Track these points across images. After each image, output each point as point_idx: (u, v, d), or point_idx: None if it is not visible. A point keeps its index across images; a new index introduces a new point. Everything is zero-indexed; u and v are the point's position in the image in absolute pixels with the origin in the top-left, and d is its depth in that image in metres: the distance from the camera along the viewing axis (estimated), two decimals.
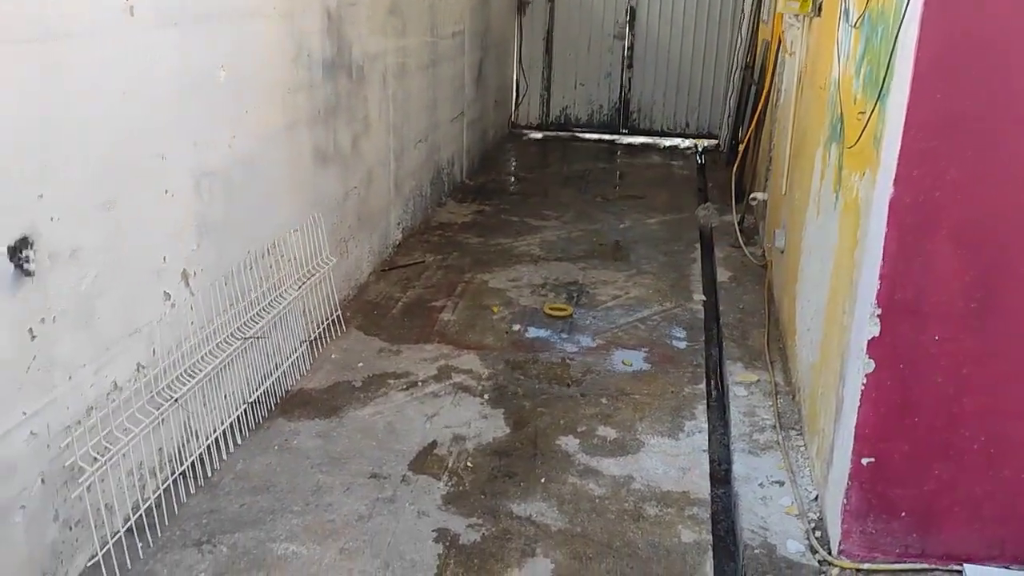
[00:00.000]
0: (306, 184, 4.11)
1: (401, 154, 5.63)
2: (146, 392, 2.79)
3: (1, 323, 2.15)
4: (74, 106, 2.38)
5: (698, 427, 3.57)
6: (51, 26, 2.25)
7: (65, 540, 2.47)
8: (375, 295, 4.92)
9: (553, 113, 10.12)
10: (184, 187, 3.00)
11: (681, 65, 9.69)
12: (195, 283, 3.10)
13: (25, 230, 2.21)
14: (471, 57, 7.48)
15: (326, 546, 2.73)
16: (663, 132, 9.93)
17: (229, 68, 3.24)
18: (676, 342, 4.44)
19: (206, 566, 2.62)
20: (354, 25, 4.57)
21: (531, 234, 6.22)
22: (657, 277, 5.37)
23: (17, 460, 2.25)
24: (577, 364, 4.14)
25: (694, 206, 6.96)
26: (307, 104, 4.03)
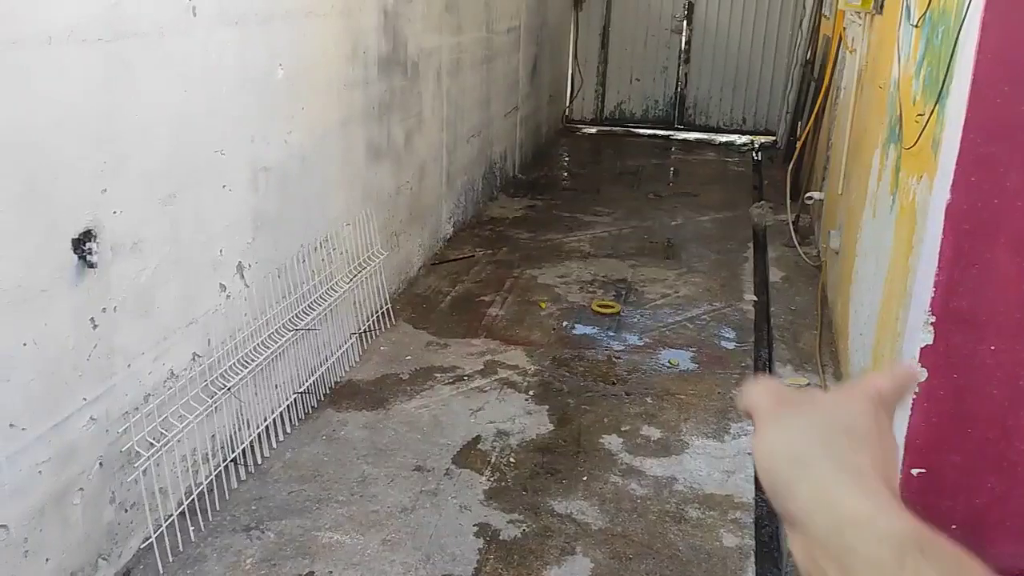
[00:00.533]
0: (359, 179, 4.17)
1: (454, 149, 5.67)
2: (201, 380, 2.87)
3: (64, 312, 2.24)
4: (138, 103, 2.46)
5: (744, 430, 3.53)
6: (119, 26, 2.33)
7: (120, 522, 2.57)
8: (424, 289, 4.98)
9: (607, 108, 10.07)
10: (241, 181, 3.07)
11: (739, 60, 9.55)
12: (250, 275, 3.17)
13: (89, 223, 2.29)
14: (526, 52, 7.49)
15: (369, 536, 2.79)
16: (719, 128, 9.81)
17: (287, 66, 3.30)
18: (725, 342, 4.40)
19: (254, 551, 2.70)
20: (410, 22, 4.61)
21: (581, 230, 6.21)
22: (707, 276, 5.32)
23: (77, 444, 2.34)
24: (623, 362, 4.13)
25: (748, 204, 6.87)
26: (362, 100, 4.09)
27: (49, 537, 2.27)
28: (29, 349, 2.13)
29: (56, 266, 2.19)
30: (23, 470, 2.15)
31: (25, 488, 2.16)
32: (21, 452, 2.14)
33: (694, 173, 8.17)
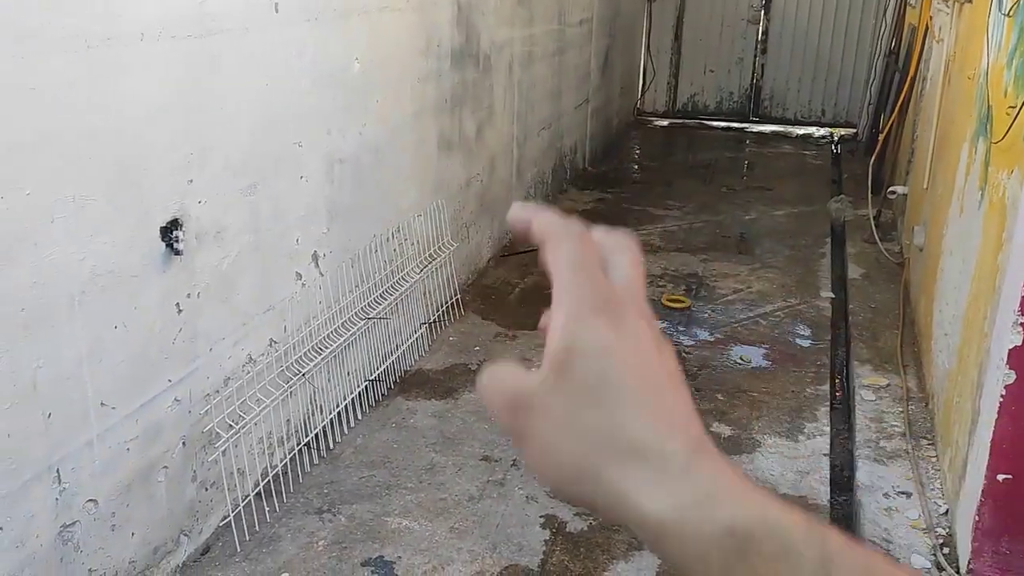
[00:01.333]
0: (430, 171, 4.22)
1: (524, 142, 5.68)
2: (277, 366, 2.96)
3: (152, 297, 2.33)
4: (223, 97, 2.54)
5: (819, 430, 3.46)
6: (207, 23, 2.41)
7: (201, 500, 2.66)
8: (493, 280, 5.01)
9: (680, 100, 9.94)
10: (317, 172, 3.14)
11: (819, 50, 9.31)
12: (324, 264, 3.25)
13: (176, 212, 2.38)
14: (598, 44, 7.45)
15: (437, 523, 2.83)
16: (796, 120, 9.59)
17: (363, 59, 3.36)
18: (799, 340, 4.31)
19: (326, 534, 2.77)
20: (483, 15, 4.64)
21: (652, 224, 6.15)
22: (782, 271, 5.22)
23: (162, 423, 2.44)
24: (693, 358, 4.09)
25: (826, 198, 6.70)
26: (435, 93, 4.13)
27: (135, 512, 2.37)
28: (119, 332, 2.22)
29: (145, 253, 2.28)
30: (112, 447, 2.25)
31: (114, 464, 2.26)
32: (111, 430, 2.23)
33: (769, 166, 8.01)
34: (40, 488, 2.03)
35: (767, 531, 0.37)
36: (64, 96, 1.96)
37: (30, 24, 1.85)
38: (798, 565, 0.36)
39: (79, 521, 2.16)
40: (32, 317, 1.94)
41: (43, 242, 1.95)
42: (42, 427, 2.01)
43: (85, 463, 2.16)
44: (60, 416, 2.06)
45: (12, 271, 1.88)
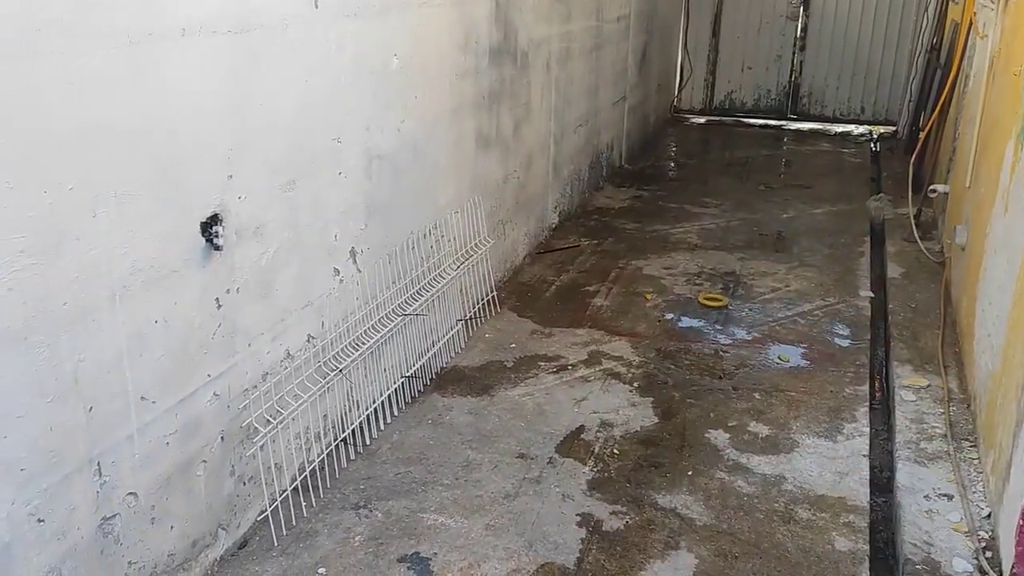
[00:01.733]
0: (468, 167, 4.21)
1: (561, 138, 5.66)
2: (314, 361, 2.97)
3: (192, 292, 2.35)
4: (263, 93, 2.55)
5: (859, 430, 3.40)
6: (247, 18, 2.42)
7: (239, 494, 2.68)
8: (529, 277, 4.99)
9: (717, 98, 9.85)
10: (356, 169, 3.15)
11: (859, 47, 9.17)
12: (362, 260, 3.26)
13: (216, 208, 2.40)
14: (635, 41, 7.39)
15: (473, 521, 2.82)
16: (835, 118, 9.45)
17: (402, 56, 3.36)
18: (838, 339, 4.24)
19: (362, 529, 2.77)
20: (521, 12, 4.62)
21: (689, 221, 6.10)
22: (820, 270, 5.14)
23: (202, 418, 2.46)
24: (730, 357, 4.04)
25: (865, 197, 6.59)
26: (472, 90, 4.13)
27: (174, 505, 2.39)
28: (160, 327, 2.24)
29: (186, 248, 2.30)
30: (152, 441, 2.27)
31: (154, 458, 2.29)
32: (151, 424, 2.26)
33: (807, 164, 7.90)
34: (81, 481, 2.06)
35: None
36: (106, 92, 1.98)
37: (73, 20, 1.87)
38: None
39: (119, 514, 2.19)
40: (74, 311, 1.97)
41: (85, 237, 1.97)
42: (83, 421, 2.03)
43: (125, 456, 2.18)
44: (101, 410, 2.08)
45: (55, 266, 1.90)
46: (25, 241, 1.81)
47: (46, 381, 1.92)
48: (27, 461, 1.89)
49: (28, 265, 1.83)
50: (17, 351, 1.83)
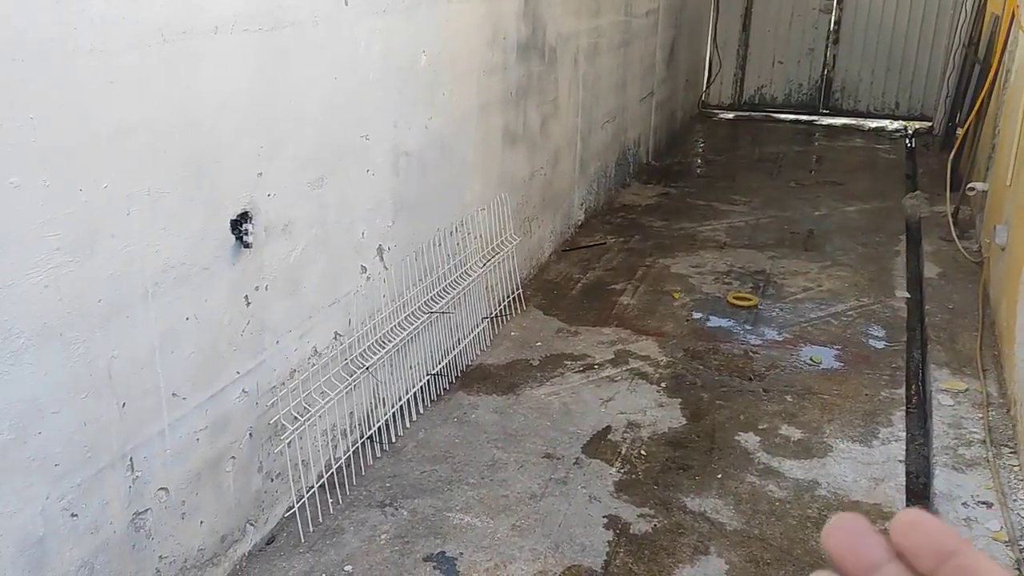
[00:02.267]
0: (495, 164, 4.19)
1: (588, 135, 5.62)
2: (341, 359, 2.97)
3: (222, 289, 2.36)
4: (292, 90, 2.55)
5: (894, 435, 3.34)
6: (279, 15, 2.42)
7: (267, 490, 2.69)
8: (555, 275, 4.97)
9: (747, 93, 9.74)
10: (384, 166, 3.14)
11: (894, 41, 9.02)
12: (389, 258, 3.25)
13: (246, 205, 2.40)
14: (664, 36, 7.33)
15: (499, 521, 2.81)
16: (868, 113, 9.31)
17: (430, 52, 3.35)
18: (873, 341, 4.17)
19: (388, 527, 2.77)
20: (549, 7, 4.59)
21: (717, 219, 6.04)
22: (854, 270, 5.07)
23: (231, 414, 2.47)
24: (761, 358, 3.99)
25: (900, 194, 6.49)
26: (500, 86, 4.10)
27: (204, 501, 2.40)
28: (190, 323, 2.25)
29: (216, 245, 2.31)
30: (183, 437, 2.28)
31: (184, 454, 2.30)
32: (181, 420, 2.27)
33: (840, 160, 7.79)
34: (114, 476, 2.07)
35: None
36: (140, 89, 1.98)
37: (110, 18, 1.88)
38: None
39: (151, 509, 2.20)
40: (108, 308, 1.98)
41: (119, 235, 1.98)
42: (116, 416, 2.05)
43: (157, 452, 2.20)
44: (134, 406, 2.09)
45: (90, 263, 1.91)
46: (61, 239, 1.82)
47: (81, 377, 1.93)
48: (61, 456, 1.90)
49: (64, 262, 1.84)
50: (53, 347, 1.84)
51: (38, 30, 1.72)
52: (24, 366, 1.78)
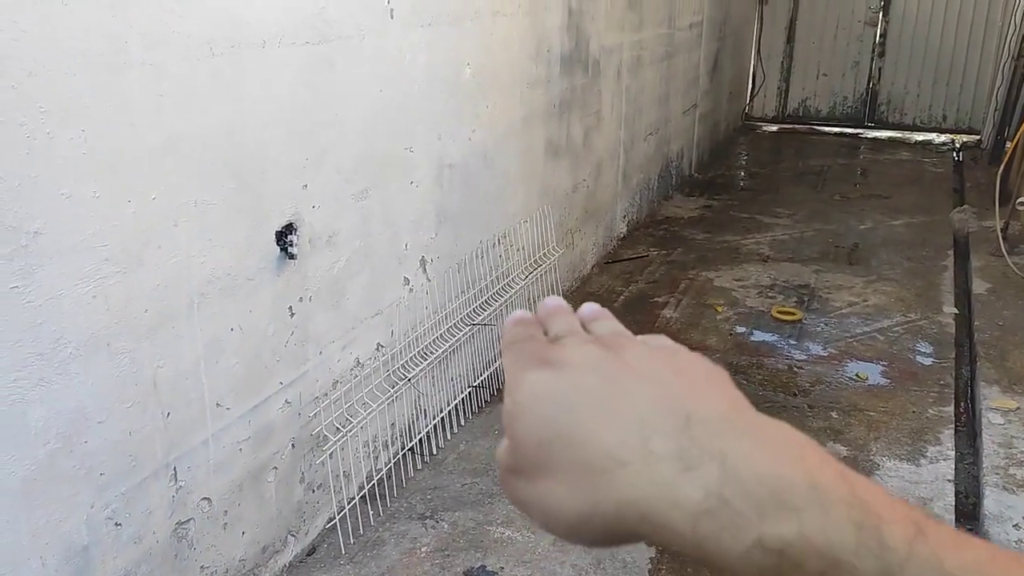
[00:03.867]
0: (537, 176, 4.18)
1: (631, 147, 5.59)
2: (384, 370, 2.97)
3: (266, 300, 2.37)
4: (338, 102, 2.56)
5: (943, 454, 3.25)
6: (324, 29, 2.44)
7: (308, 501, 2.70)
8: (597, 287, 4.93)
9: (791, 105, 9.63)
10: (427, 178, 3.15)
11: (941, 53, 8.86)
12: (431, 269, 3.25)
13: (291, 217, 2.42)
14: (707, 48, 7.28)
15: (540, 535, 2.78)
16: (915, 126, 9.15)
17: (474, 65, 3.36)
18: (920, 357, 4.07)
19: (429, 540, 2.76)
20: (593, 20, 4.58)
21: (760, 232, 5.96)
22: (900, 285, 4.96)
23: (273, 425, 2.48)
24: (805, 373, 3.91)
25: (947, 208, 6.35)
26: (543, 98, 4.10)
27: (246, 511, 2.41)
28: (235, 334, 2.26)
29: (261, 256, 2.33)
30: (226, 447, 2.30)
31: (227, 464, 2.31)
32: (225, 430, 2.28)
33: (886, 174, 7.65)
34: (158, 485, 2.08)
35: (805, 545, 0.31)
36: (188, 102, 2.01)
37: (161, 32, 1.90)
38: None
39: (193, 519, 2.21)
40: (154, 319, 2.00)
41: (167, 246, 2.00)
42: (161, 425, 2.06)
43: (200, 462, 2.21)
44: (178, 415, 2.11)
45: (139, 274, 1.93)
46: (109, 250, 1.85)
47: (127, 387, 1.95)
48: (106, 465, 1.92)
49: (112, 273, 1.86)
50: (100, 357, 1.87)
51: (89, 45, 1.75)
52: (72, 375, 1.81)
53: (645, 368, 0.39)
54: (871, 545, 0.31)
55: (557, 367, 0.40)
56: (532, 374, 0.41)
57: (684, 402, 0.36)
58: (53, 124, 1.69)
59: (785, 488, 0.32)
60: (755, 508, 0.32)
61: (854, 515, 0.32)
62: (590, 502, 0.36)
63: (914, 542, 0.31)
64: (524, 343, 0.43)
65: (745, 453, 0.34)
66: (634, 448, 0.35)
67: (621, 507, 0.35)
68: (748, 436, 0.34)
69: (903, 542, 0.31)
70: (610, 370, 0.39)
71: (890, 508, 0.32)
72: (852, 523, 0.31)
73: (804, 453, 0.34)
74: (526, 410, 0.39)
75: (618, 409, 0.37)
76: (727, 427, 0.35)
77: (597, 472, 0.35)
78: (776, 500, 0.32)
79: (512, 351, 0.43)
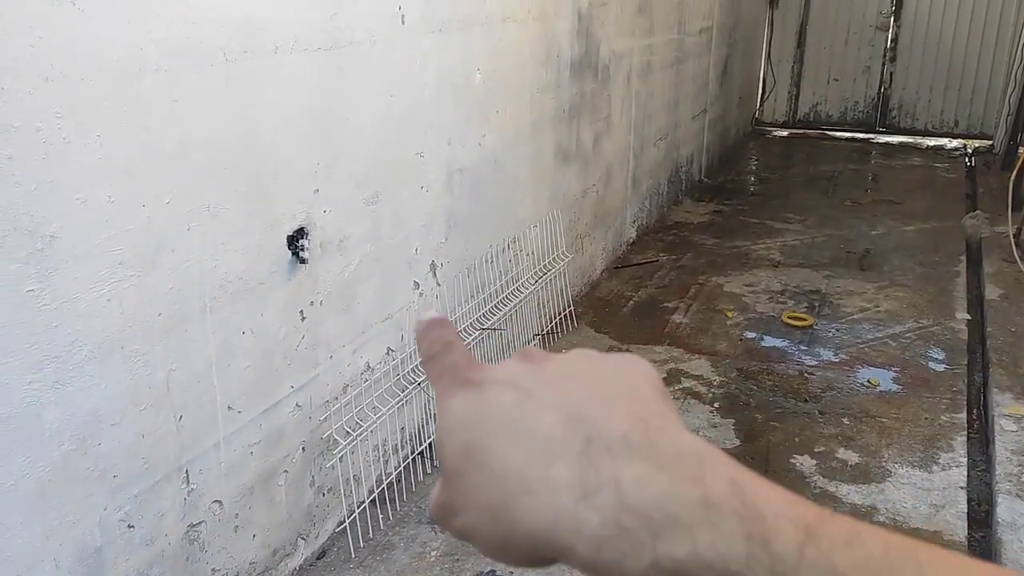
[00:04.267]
0: (547, 181, 4.19)
1: (640, 152, 5.60)
2: (394, 374, 2.98)
3: (278, 304, 2.39)
4: (349, 108, 2.58)
5: (955, 461, 3.24)
6: (337, 35, 2.45)
7: (319, 505, 2.71)
8: (607, 292, 4.94)
9: (801, 110, 9.62)
10: (437, 183, 3.16)
11: (952, 58, 8.83)
12: (441, 274, 3.26)
13: (302, 221, 2.43)
14: (717, 53, 7.28)
15: None
16: (927, 131, 9.12)
17: (484, 70, 3.37)
18: (933, 364, 4.05)
19: (438, 545, 2.76)
20: (603, 25, 4.59)
21: (770, 237, 5.95)
22: (912, 290, 4.94)
23: (284, 428, 2.49)
24: (816, 379, 3.90)
25: (959, 214, 6.33)
26: (553, 103, 4.11)
27: (256, 514, 2.42)
28: (247, 338, 2.28)
29: (273, 260, 2.34)
30: (237, 450, 2.31)
31: (238, 467, 2.32)
32: (236, 433, 2.29)
33: (897, 179, 7.63)
34: (170, 488, 2.10)
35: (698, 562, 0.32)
36: (202, 108, 2.03)
37: (175, 39, 1.92)
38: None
39: (205, 521, 2.23)
40: (168, 322, 2.01)
41: (180, 249, 2.02)
42: (174, 428, 2.08)
43: (212, 465, 2.22)
44: (190, 418, 2.12)
45: (152, 277, 1.95)
46: (124, 253, 1.86)
47: (140, 389, 1.96)
48: (120, 467, 1.94)
49: (126, 276, 1.88)
50: (114, 360, 1.88)
51: (105, 51, 1.77)
52: (86, 378, 1.82)
53: (560, 382, 0.39)
54: (761, 556, 0.31)
55: (478, 387, 0.40)
56: (454, 400, 0.40)
57: (588, 423, 0.36)
58: (69, 129, 1.70)
59: (678, 508, 0.33)
60: (649, 531, 0.33)
61: (745, 528, 0.32)
62: (507, 529, 0.36)
63: (804, 547, 0.31)
64: (444, 357, 0.42)
65: (638, 476, 0.34)
66: (538, 475, 0.35)
67: (532, 534, 0.35)
68: (644, 458, 0.34)
69: (793, 549, 0.31)
70: (526, 384, 0.39)
71: (783, 514, 0.32)
72: (743, 536, 0.32)
73: (701, 470, 0.34)
74: (449, 436, 0.39)
75: (528, 429, 0.37)
76: (624, 449, 0.35)
77: (510, 499, 0.36)
78: (669, 521, 0.33)
79: (434, 368, 0.42)
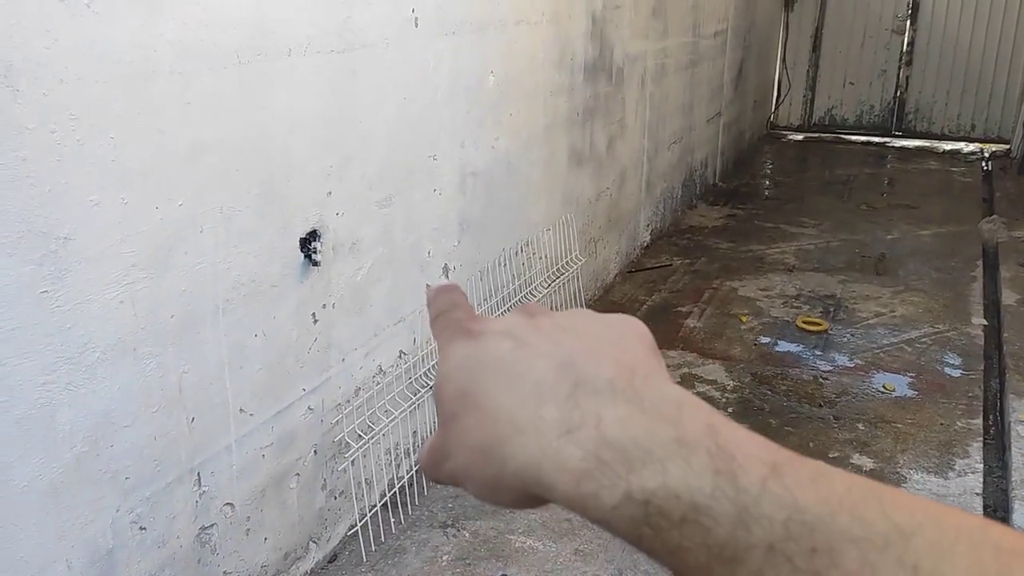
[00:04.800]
0: (560, 184, 4.18)
1: (654, 155, 5.58)
2: (406, 378, 2.98)
3: (291, 307, 2.39)
4: (362, 110, 2.58)
5: (971, 467, 3.20)
6: (350, 37, 2.46)
7: (330, 508, 2.70)
8: (620, 296, 4.92)
9: (817, 114, 9.57)
10: (450, 185, 3.16)
11: (969, 62, 8.76)
12: (454, 277, 3.25)
13: (315, 224, 2.43)
14: (732, 56, 7.25)
15: (562, 545, 2.77)
16: (943, 135, 9.05)
17: (497, 73, 3.36)
18: (949, 369, 4.01)
19: (450, 548, 2.75)
20: (617, 28, 4.58)
21: (785, 241, 5.91)
22: (928, 295, 4.90)
23: (296, 431, 2.49)
24: (831, 384, 3.87)
25: (976, 218, 6.27)
26: (566, 106, 4.10)
27: (268, 517, 2.42)
28: (259, 340, 2.28)
29: (286, 263, 2.34)
30: (249, 453, 2.31)
31: (250, 470, 2.32)
32: (248, 436, 2.29)
33: (913, 183, 7.57)
34: (182, 490, 2.10)
35: (667, 493, 0.34)
36: (215, 110, 2.03)
37: (189, 41, 1.92)
38: (710, 528, 0.33)
39: (216, 524, 2.22)
40: (180, 324, 2.01)
41: (192, 252, 2.02)
42: (186, 431, 2.08)
43: (224, 467, 2.22)
44: (202, 420, 2.12)
45: (165, 279, 1.95)
46: (137, 255, 1.86)
47: (153, 391, 1.96)
48: (132, 470, 1.94)
49: (139, 278, 1.88)
50: (127, 362, 1.88)
51: (119, 53, 1.77)
52: (99, 380, 1.82)
53: (555, 334, 0.41)
54: (725, 488, 0.33)
55: (477, 336, 0.42)
56: (455, 346, 0.42)
57: (577, 369, 0.38)
58: (83, 131, 1.71)
59: (653, 444, 0.35)
60: (625, 464, 0.35)
61: (714, 463, 0.34)
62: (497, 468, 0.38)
63: (768, 481, 0.33)
64: (449, 313, 0.45)
65: (620, 416, 0.36)
66: (528, 415, 0.37)
67: (519, 472, 0.37)
68: (627, 401, 0.37)
69: (757, 482, 0.33)
70: (523, 335, 0.41)
71: (753, 455, 0.34)
72: (711, 471, 0.33)
73: (679, 413, 0.36)
74: (447, 381, 0.41)
75: (521, 374, 0.39)
76: (609, 392, 0.37)
77: (501, 438, 0.38)
78: (644, 455, 0.34)
79: (439, 324, 0.44)
